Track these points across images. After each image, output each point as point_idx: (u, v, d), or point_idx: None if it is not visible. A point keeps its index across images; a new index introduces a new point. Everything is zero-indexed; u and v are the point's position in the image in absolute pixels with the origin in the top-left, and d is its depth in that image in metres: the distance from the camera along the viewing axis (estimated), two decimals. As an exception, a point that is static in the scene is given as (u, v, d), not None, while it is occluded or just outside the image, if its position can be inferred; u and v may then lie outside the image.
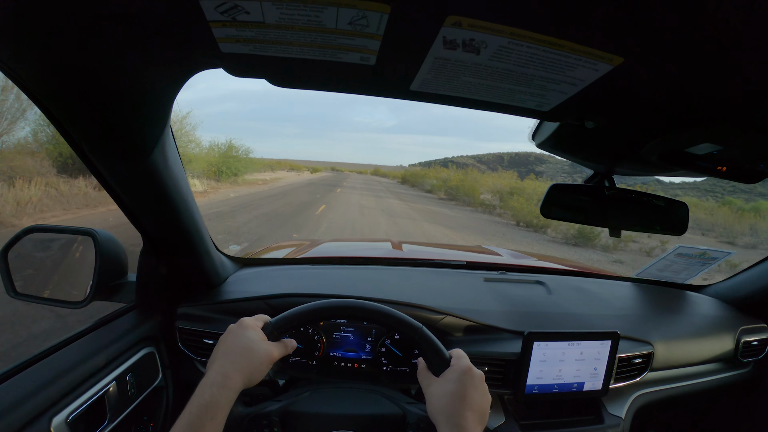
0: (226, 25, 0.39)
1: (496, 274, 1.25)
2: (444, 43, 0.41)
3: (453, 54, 0.43)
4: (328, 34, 0.40)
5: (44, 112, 0.53)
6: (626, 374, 1.00)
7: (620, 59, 0.41)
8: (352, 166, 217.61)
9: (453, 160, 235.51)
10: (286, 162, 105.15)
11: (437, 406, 0.56)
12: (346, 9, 0.36)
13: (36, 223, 0.87)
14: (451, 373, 0.59)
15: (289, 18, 0.38)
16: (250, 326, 0.60)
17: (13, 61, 0.44)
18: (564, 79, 0.47)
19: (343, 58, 0.45)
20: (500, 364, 0.90)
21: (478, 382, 0.58)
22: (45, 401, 0.61)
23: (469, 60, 0.44)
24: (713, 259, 1.23)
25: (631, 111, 0.57)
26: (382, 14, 0.37)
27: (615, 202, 0.84)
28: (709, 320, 1.20)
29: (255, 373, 0.57)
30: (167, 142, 0.65)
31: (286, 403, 0.72)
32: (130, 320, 0.86)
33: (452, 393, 0.56)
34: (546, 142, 0.75)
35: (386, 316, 0.63)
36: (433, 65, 0.46)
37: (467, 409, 0.54)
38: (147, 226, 0.79)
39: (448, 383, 0.58)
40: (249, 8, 0.37)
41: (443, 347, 0.62)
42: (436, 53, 0.43)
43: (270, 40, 0.42)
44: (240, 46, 0.44)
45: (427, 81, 0.50)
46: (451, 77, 0.48)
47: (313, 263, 1.27)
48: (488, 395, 0.59)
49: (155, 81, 0.51)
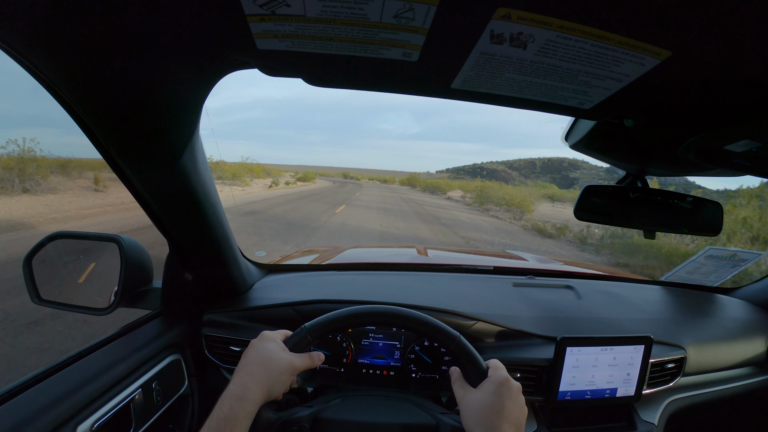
0: (265, 19, 0.38)
1: (525, 279, 1.23)
2: (491, 38, 0.40)
3: (499, 49, 0.42)
4: (371, 29, 0.39)
5: (72, 116, 0.53)
6: (659, 379, 0.98)
7: (668, 53, 0.40)
8: (378, 173, 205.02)
9: (483, 167, 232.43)
10: (297, 169, 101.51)
11: (474, 418, 0.55)
12: (393, 1, 0.35)
13: (60, 230, 0.87)
14: (488, 384, 0.57)
15: (331, 11, 0.37)
16: (270, 338, 0.60)
17: (44, 65, 0.44)
18: (609, 74, 0.46)
19: (385, 54, 0.44)
20: (532, 371, 0.88)
21: (515, 394, 0.57)
22: (70, 408, 0.60)
23: (514, 55, 0.43)
24: (744, 260, 1.20)
25: (674, 107, 0.55)
26: (430, 6, 0.35)
27: (647, 203, 0.83)
28: (740, 323, 1.17)
29: (275, 385, 0.56)
30: (197, 147, 0.65)
31: (317, 410, 0.70)
32: (156, 327, 0.85)
33: (490, 405, 0.55)
34: (580, 143, 0.74)
35: (423, 324, 0.62)
36: (477, 61, 0.44)
37: (505, 422, 0.53)
38: (174, 232, 0.78)
39: (485, 395, 0.56)
40: (290, 1, 0.36)
41: (481, 358, 0.61)
42: (481, 48, 0.42)
43: (309, 35, 0.41)
44: (277, 42, 0.42)
45: (470, 78, 0.49)
46: (494, 74, 0.47)
47: (339, 269, 1.25)
48: (525, 408, 0.58)
49: (187, 83, 0.51)
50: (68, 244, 0.90)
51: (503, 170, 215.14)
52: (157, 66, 0.45)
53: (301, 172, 63.94)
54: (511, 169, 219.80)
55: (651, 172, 0.83)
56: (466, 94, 0.54)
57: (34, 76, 0.47)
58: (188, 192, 0.68)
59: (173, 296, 0.88)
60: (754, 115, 0.52)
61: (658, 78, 0.45)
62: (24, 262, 0.82)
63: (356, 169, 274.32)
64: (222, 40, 0.43)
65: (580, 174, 31.83)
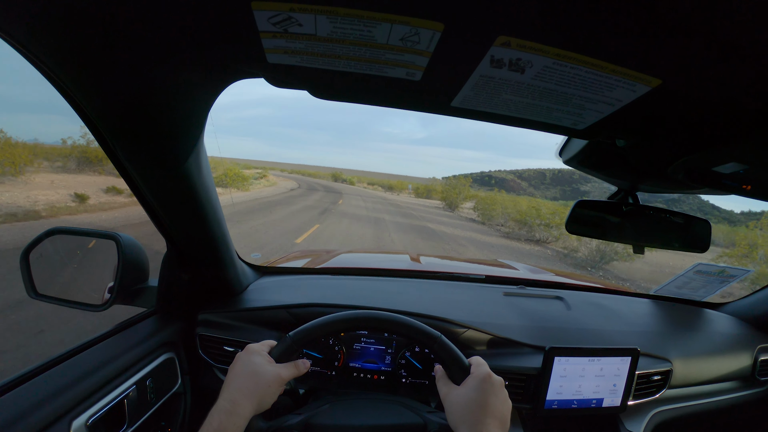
0: (277, 36, 0.40)
1: (516, 289, 1.25)
2: (491, 62, 0.42)
3: (498, 72, 0.44)
4: (377, 49, 0.41)
5: (81, 116, 0.54)
6: (644, 391, 0.99)
7: (658, 81, 0.42)
8: (381, 176, 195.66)
9: (491, 175, 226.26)
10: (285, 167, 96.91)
11: (458, 414, 0.56)
12: (400, 26, 0.37)
13: (59, 225, 0.87)
14: (471, 380, 0.58)
15: (341, 32, 0.38)
16: (255, 351, 0.60)
17: (56, 64, 0.45)
18: (602, 99, 0.48)
19: (389, 73, 0.46)
20: (520, 379, 0.90)
21: (498, 389, 0.58)
22: (66, 404, 0.61)
23: (512, 79, 0.45)
24: (732, 276, 1.22)
25: (664, 130, 0.57)
26: (434, 32, 0.37)
27: (637, 218, 0.84)
28: (727, 338, 1.19)
29: (265, 397, 0.57)
30: (201, 151, 0.66)
31: (306, 416, 0.71)
32: (151, 325, 0.86)
33: (473, 401, 0.56)
34: (573, 159, 0.75)
35: (404, 326, 0.63)
36: (477, 83, 0.46)
37: (488, 417, 0.54)
38: (174, 232, 0.79)
39: (468, 391, 0.57)
40: (302, 21, 0.37)
41: (462, 355, 0.62)
42: (482, 71, 0.44)
43: (318, 52, 0.42)
44: (287, 58, 0.44)
45: (468, 98, 0.50)
46: (492, 95, 0.49)
47: (332, 273, 1.26)
48: (509, 402, 0.59)
49: (195, 89, 0.52)
50: (66, 240, 0.91)
51: (512, 180, 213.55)
52: (169, 73, 0.46)
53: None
54: (520, 179, 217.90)
55: (642, 189, 0.85)
56: (465, 112, 0.56)
57: (49, 79, 0.47)
58: (191, 195, 0.69)
59: (169, 295, 0.89)
60: (741, 139, 0.54)
61: (649, 103, 0.47)
62: (21, 256, 0.82)
63: (360, 172, 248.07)
64: (234, 52, 0.44)
65: (590, 187, 30.84)
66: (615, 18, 0.33)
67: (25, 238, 0.85)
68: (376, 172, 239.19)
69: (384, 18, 0.36)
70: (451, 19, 0.35)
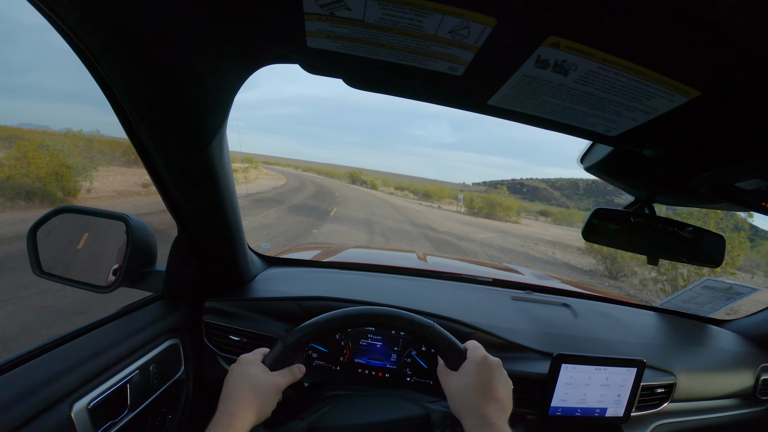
0: (322, 19, 0.39)
1: (523, 293, 1.24)
2: (536, 62, 0.41)
3: (541, 73, 0.43)
4: (424, 41, 0.40)
5: (105, 92, 0.52)
6: (647, 403, 0.99)
7: (697, 92, 0.41)
8: (411, 179, 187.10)
9: (523, 183, 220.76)
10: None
11: (459, 400, 0.56)
12: (452, 17, 0.36)
13: (67, 204, 0.86)
14: (468, 365, 0.58)
15: (390, 19, 0.37)
16: (249, 362, 0.60)
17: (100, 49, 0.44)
18: (639, 107, 0.47)
19: (431, 66, 0.45)
20: (526, 384, 0.89)
21: (496, 371, 0.58)
22: (67, 386, 0.60)
23: (554, 80, 0.44)
24: (739, 294, 1.22)
25: (695, 143, 0.56)
26: (485, 27, 0.36)
27: (652, 230, 0.84)
28: (731, 355, 1.18)
29: (263, 407, 0.56)
30: (224, 135, 0.65)
31: (309, 421, 0.71)
32: (157, 310, 0.85)
33: (472, 385, 0.56)
34: (595, 166, 0.75)
35: (396, 318, 0.63)
36: (518, 82, 0.45)
37: (489, 399, 0.54)
38: (189, 217, 0.78)
39: (466, 376, 0.57)
40: (351, 5, 0.36)
41: (457, 340, 0.62)
42: (525, 71, 0.43)
43: (362, 39, 0.41)
44: (328, 43, 0.43)
45: (507, 97, 0.49)
46: (531, 96, 0.48)
47: (341, 268, 1.26)
48: (508, 381, 0.59)
49: (226, 70, 0.51)
50: (75, 219, 0.90)
51: (545, 188, 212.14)
52: (203, 51, 0.45)
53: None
54: (552, 188, 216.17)
55: (660, 201, 0.85)
56: (500, 111, 0.55)
57: (74, 48, 0.46)
58: (211, 179, 0.68)
59: (177, 280, 0.88)
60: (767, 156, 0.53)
61: (684, 114, 0.46)
62: (28, 233, 0.81)
63: (387, 174, 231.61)
64: (272, 33, 0.43)
65: (623, 200, 30.06)
66: (664, 26, 0.33)
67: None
68: (405, 174, 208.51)
69: (437, 8, 0.35)
70: (504, 15, 0.35)
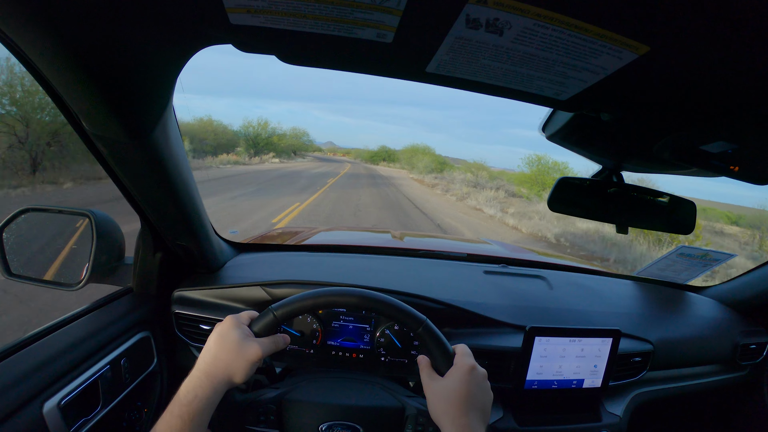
0: None
1: (497, 267, 1.24)
2: (467, 22, 0.39)
3: (475, 34, 0.41)
4: (344, 7, 0.39)
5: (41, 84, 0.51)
6: (625, 372, 1.00)
7: (646, 48, 0.39)
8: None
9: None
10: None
11: (441, 406, 0.56)
12: None
13: (32, 204, 0.85)
14: (455, 372, 0.58)
15: None
16: (235, 323, 0.59)
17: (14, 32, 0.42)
18: (586, 66, 0.46)
19: (359, 34, 0.43)
20: (500, 358, 0.90)
21: (481, 381, 0.58)
22: (37, 385, 0.59)
23: (490, 41, 0.42)
24: (715, 260, 1.22)
25: (651, 104, 0.55)
26: None
27: (621, 198, 0.83)
28: (709, 322, 1.20)
29: (240, 371, 0.55)
30: (169, 122, 0.63)
31: (283, 391, 0.71)
32: (126, 304, 0.85)
33: (456, 393, 0.55)
34: (557, 134, 0.74)
35: (391, 306, 0.62)
36: (452, 46, 0.44)
37: (471, 410, 0.54)
38: (145, 208, 0.77)
39: (452, 383, 0.57)
40: None
41: (447, 342, 0.61)
42: (457, 33, 0.41)
43: (282, 11, 0.40)
44: (250, 18, 0.42)
45: (444, 63, 0.48)
46: (469, 59, 0.47)
47: (312, 251, 1.25)
48: (491, 393, 0.59)
49: (160, 54, 0.49)
50: (40, 218, 0.89)
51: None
52: (130, 31, 0.44)
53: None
54: None
55: (627, 168, 0.84)
56: (441, 79, 0.53)
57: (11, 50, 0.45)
58: (160, 166, 0.66)
59: (144, 272, 0.87)
60: (730, 117, 0.53)
61: (635, 73, 0.45)
62: (-7, 235, 0.81)
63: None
64: (195, 13, 0.42)
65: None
66: None
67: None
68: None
69: None
70: None
